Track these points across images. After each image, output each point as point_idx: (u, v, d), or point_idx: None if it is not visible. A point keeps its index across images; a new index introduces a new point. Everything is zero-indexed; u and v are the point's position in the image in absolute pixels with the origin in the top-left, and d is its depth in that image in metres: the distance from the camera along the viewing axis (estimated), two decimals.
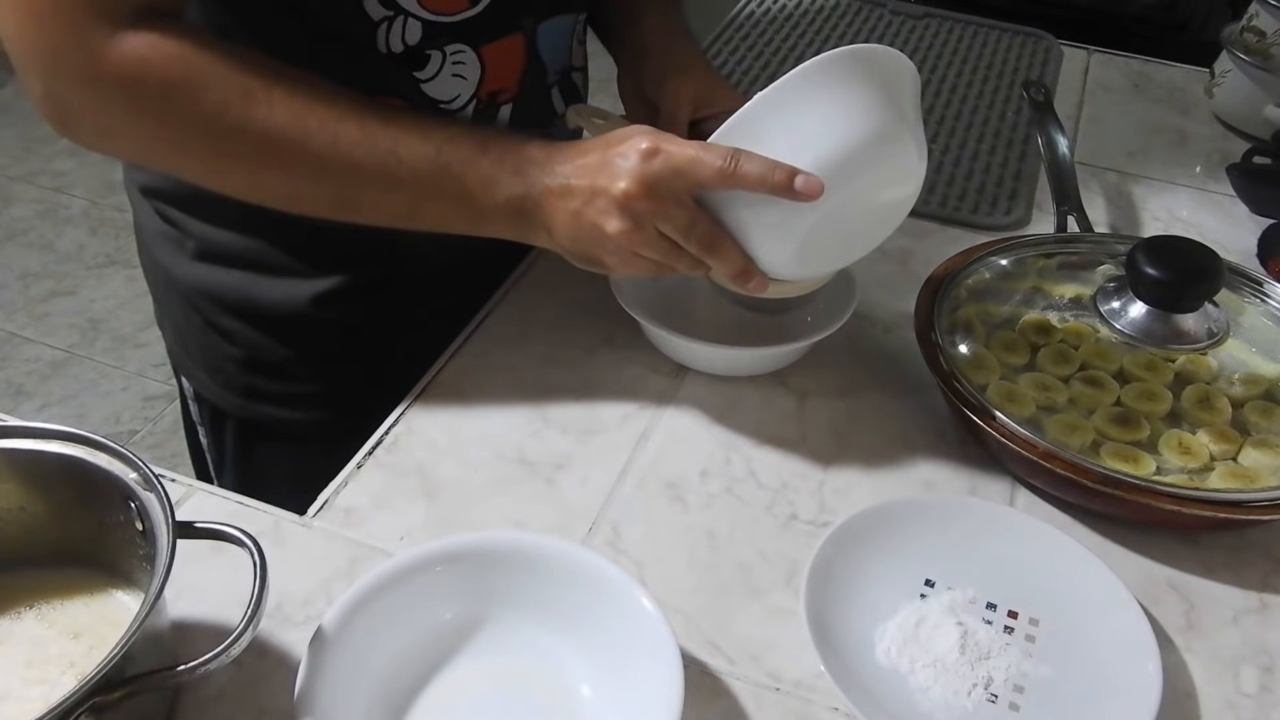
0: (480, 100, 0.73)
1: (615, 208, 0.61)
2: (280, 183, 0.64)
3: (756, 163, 0.59)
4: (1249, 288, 0.75)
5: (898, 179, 0.63)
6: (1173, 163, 1.03)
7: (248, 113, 0.60)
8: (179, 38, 0.59)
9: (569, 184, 0.62)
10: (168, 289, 0.83)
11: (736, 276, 0.64)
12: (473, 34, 0.71)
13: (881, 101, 0.60)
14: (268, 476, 0.85)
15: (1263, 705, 0.57)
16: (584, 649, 0.54)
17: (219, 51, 0.60)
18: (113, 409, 2.01)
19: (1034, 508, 0.66)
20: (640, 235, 0.61)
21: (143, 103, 0.60)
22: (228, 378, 0.82)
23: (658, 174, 0.60)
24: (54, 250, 2.37)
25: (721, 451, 0.69)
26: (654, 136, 0.61)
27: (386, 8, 0.66)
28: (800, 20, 1.24)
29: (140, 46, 0.58)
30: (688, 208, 0.61)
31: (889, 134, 0.60)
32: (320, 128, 0.61)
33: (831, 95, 0.59)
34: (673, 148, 0.60)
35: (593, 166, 0.62)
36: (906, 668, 0.56)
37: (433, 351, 0.75)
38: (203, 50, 0.59)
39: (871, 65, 0.60)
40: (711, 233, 0.62)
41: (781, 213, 0.60)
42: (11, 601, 0.53)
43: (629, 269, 0.64)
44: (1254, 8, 1.05)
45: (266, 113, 0.60)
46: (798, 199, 0.59)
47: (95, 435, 0.52)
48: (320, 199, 0.65)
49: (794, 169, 0.58)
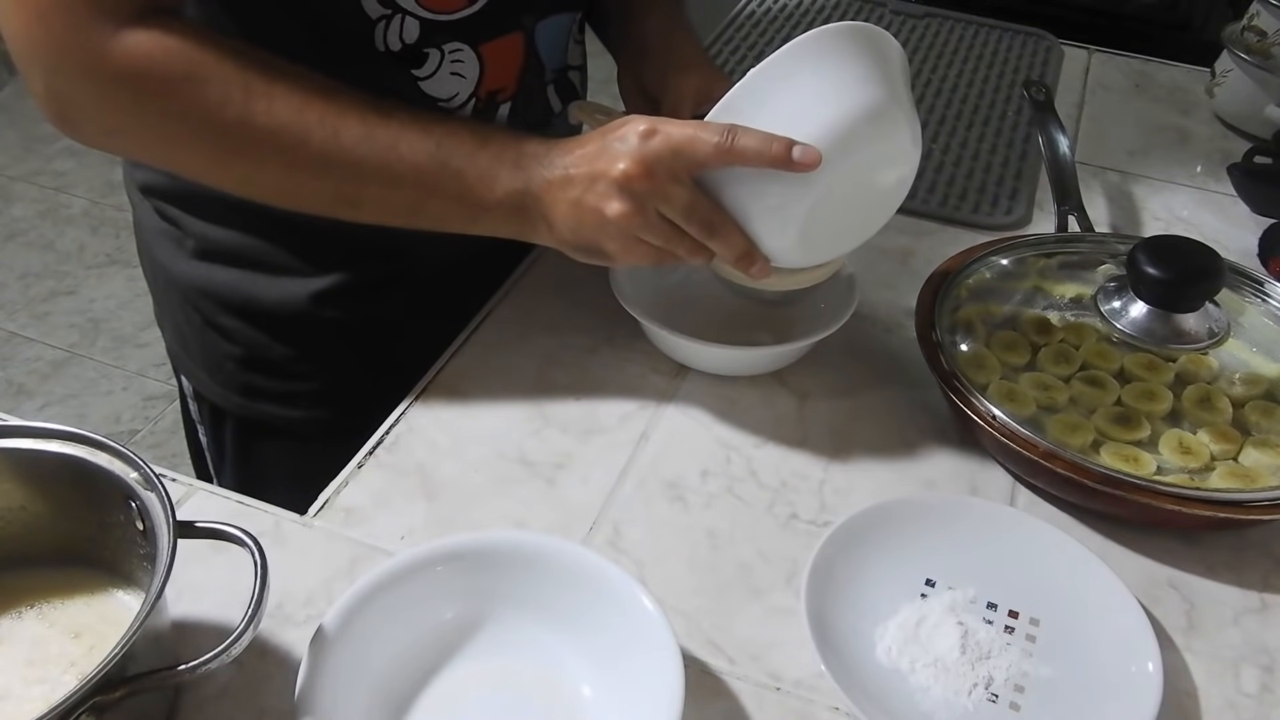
0: (479, 99, 0.73)
1: (615, 189, 0.61)
2: (282, 179, 0.64)
3: (753, 136, 0.59)
4: (1250, 287, 0.75)
5: (894, 158, 0.63)
6: (1173, 162, 1.03)
7: (249, 108, 0.60)
8: (181, 34, 0.59)
9: (568, 174, 0.62)
10: (167, 287, 0.83)
11: (739, 260, 0.63)
12: (472, 32, 0.71)
13: (875, 77, 0.60)
14: (267, 475, 0.85)
15: (1263, 705, 0.57)
16: (584, 649, 0.54)
17: (221, 47, 0.60)
18: (113, 408, 2.01)
19: (1035, 507, 0.66)
20: (641, 218, 0.61)
21: (145, 99, 0.60)
22: (227, 376, 0.82)
23: (656, 153, 0.60)
24: (54, 250, 2.37)
25: (722, 451, 0.69)
26: (651, 120, 0.61)
27: (384, 6, 0.66)
28: (801, 20, 1.24)
29: (143, 43, 0.58)
30: (687, 187, 0.61)
31: (883, 109, 0.60)
32: (320, 123, 0.61)
33: (825, 69, 0.59)
34: (670, 128, 0.60)
35: (591, 154, 0.62)
36: (907, 667, 0.56)
37: (433, 351, 0.75)
38: (205, 46, 0.59)
39: (865, 41, 0.60)
40: (712, 214, 0.62)
41: (780, 194, 0.60)
42: (12, 601, 0.53)
43: (631, 256, 0.64)
44: (1255, 7, 1.05)
45: (267, 108, 0.60)
46: (796, 169, 0.59)
47: (96, 435, 0.52)
48: (321, 195, 0.65)
49: (791, 140, 0.58)
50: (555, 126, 0.81)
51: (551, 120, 0.81)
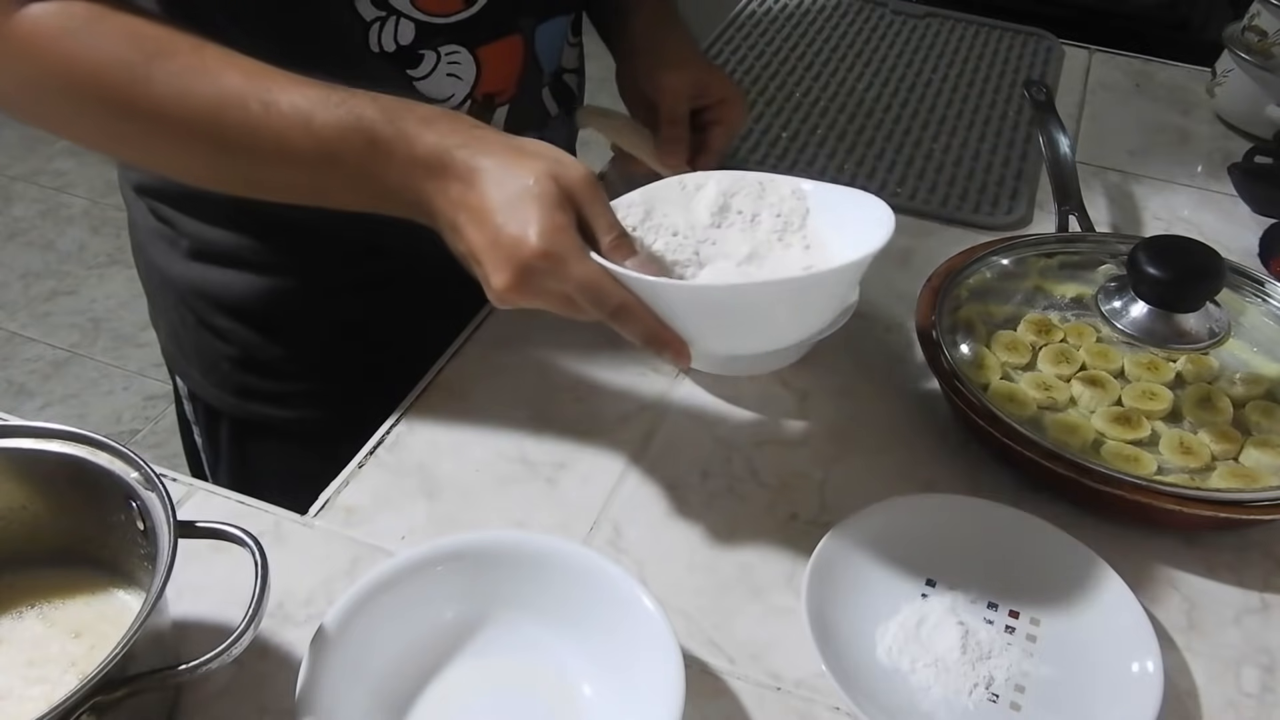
0: (475, 100, 0.73)
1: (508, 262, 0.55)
2: (173, 157, 0.63)
3: (638, 322, 0.56)
4: (1250, 287, 0.75)
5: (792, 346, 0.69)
6: (1174, 162, 1.03)
7: (135, 89, 0.58)
8: (84, 8, 0.58)
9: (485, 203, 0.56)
10: (162, 287, 0.83)
11: (647, 345, 0.58)
12: (468, 35, 0.71)
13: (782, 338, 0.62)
14: (262, 475, 0.85)
15: (1264, 705, 0.57)
16: (585, 648, 0.54)
17: (115, 24, 0.59)
18: (114, 408, 2.01)
19: (1035, 507, 0.66)
20: (530, 293, 0.56)
21: (45, 74, 0.59)
22: (222, 376, 0.82)
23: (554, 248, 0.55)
24: (55, 250, 2.37)
25: (722, 451, 0.69)
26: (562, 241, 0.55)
27: (379, 8, 0.66)
28: (801, 20, 1.24)
29: (43, 17, 0.58)
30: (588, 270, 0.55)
31: None
32: (205, 101, 0.58)
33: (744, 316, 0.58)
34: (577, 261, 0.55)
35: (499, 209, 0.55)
36: (907, 667, 0.56)
37: (433, 351, 0.75)
38: (101, 22, 0.58)
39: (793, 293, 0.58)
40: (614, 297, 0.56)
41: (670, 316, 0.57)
42: (13, 601, 0.53)
43: None
44: (1255, 7, 1.05)
45: (146, 91, 0.58)
46: (667, 359, 0.58)
47: (97, 435, 0.52)
48: (220, 170, 0.62)
49: (671, 342, 0.57)
50: (553, 129, 0.81)
51: (549, 123, 0.81)
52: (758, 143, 1.02)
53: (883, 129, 1.05)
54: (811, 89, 1.11)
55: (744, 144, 1.01)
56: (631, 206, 0.62)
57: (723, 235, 0.62)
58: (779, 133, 1.03)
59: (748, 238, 0.62)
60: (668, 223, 0.62)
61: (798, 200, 0.63)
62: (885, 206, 0.59)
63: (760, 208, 0.63)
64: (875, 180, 0.97)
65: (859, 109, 1.08)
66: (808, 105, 1.08)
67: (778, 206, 0.63)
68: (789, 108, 1.07)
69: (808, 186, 0.63)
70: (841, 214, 0.62)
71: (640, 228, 0.62)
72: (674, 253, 0.61)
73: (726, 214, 0.63)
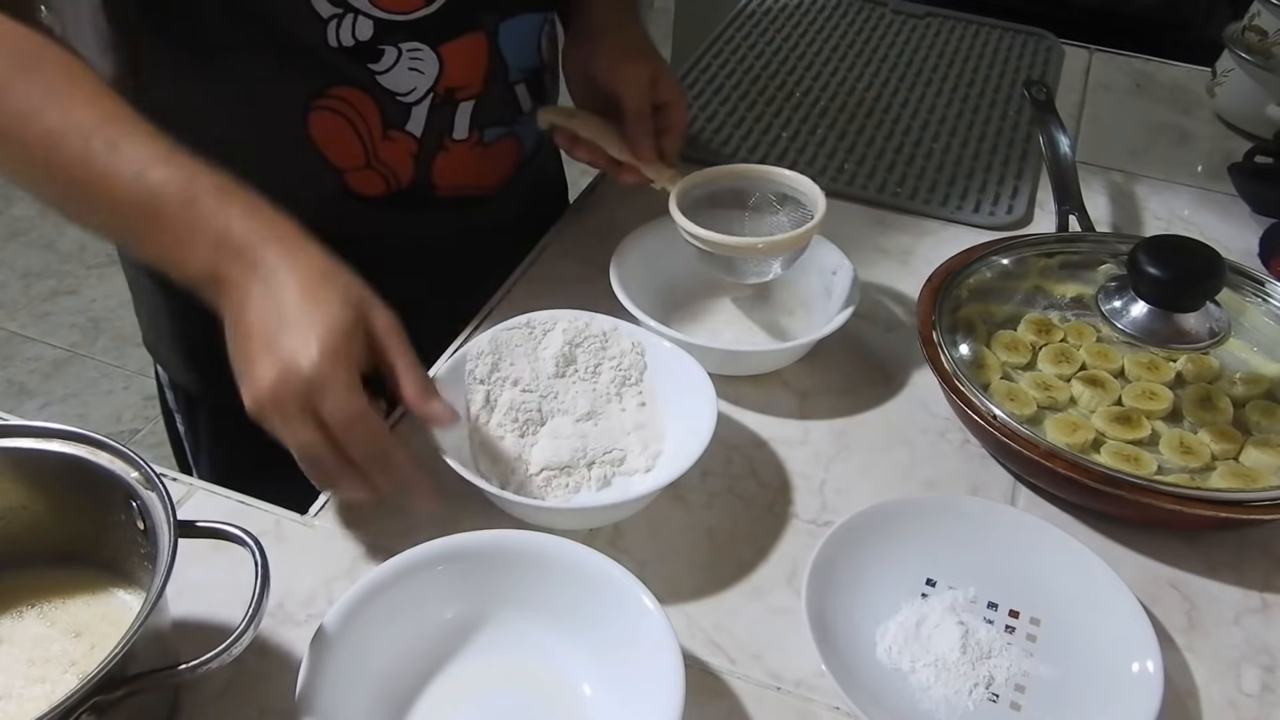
0: (437, 94, 0.74)
1: None
2: (13, 174, 0.61)
3: (389, 480, 0.57)
4: (1250, 287, 0.75)
5: None
6: (1174, 162, 1.03)
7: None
8: None
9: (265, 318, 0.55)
10: (137, 273, 0.84)
11: None
12: (429, 32, 0.71)
13: None
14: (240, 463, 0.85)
15: (1264, 705, 0.57)
16: (585, 648, 0.54)
17: None
18: (114, 408, 2.01)
19: (1035, 507, 0.66)
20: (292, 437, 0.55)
21: None
22: (199, 362, 0.83)
23: None
24: (55, 250, 2.37)
25: (722, 451, 0.69)
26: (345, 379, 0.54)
27: (336, 5, 0.67)
28: (801, 19, 1.24)
29: None
30: None
31: None
32: (47, 127, 0.57)
33: None
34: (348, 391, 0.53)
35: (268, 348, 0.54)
36: (908, 667, 0.56)
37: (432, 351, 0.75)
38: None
39: None
40: None
41: None
42: (13, 600, 0.53)
43: None
44: (1255, 7, 1.05)
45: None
46: None
47: (97, 434, 0.52)
48: (49, 199, 0.61)
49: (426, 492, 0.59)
50: (523, 125, 0.82)
51: (519, 119, 0.81)
52: (758, 143, 1.02)
53: (883, 129, 1.05)
54: (811, 88, 1.11)
55: (744, 144, 1.01)
56: (481, 356, 0.67)
57: (565, 387, 0.68)
58: (779, 132, 1.03)
59: (587, 391, 0.68)
60: (514, 373, 0.67)
61: (637, 355, 0.69)
62: (710, 389, 0.65)
63: (602, 359, 0.69)
64: (875, 180, 0.97)
65: (859, 108, 1.08)
66: (808, 105, 1.08)
67: (619, 360, 0.69)
68: (789, 107, 1.07)
69: (648, 340, 0.69)
70: (674, 374, 0.68)
71: (488, 380, 0.67)
72: (519, 409, 0.67)
73: (572, 364, 0.69)
